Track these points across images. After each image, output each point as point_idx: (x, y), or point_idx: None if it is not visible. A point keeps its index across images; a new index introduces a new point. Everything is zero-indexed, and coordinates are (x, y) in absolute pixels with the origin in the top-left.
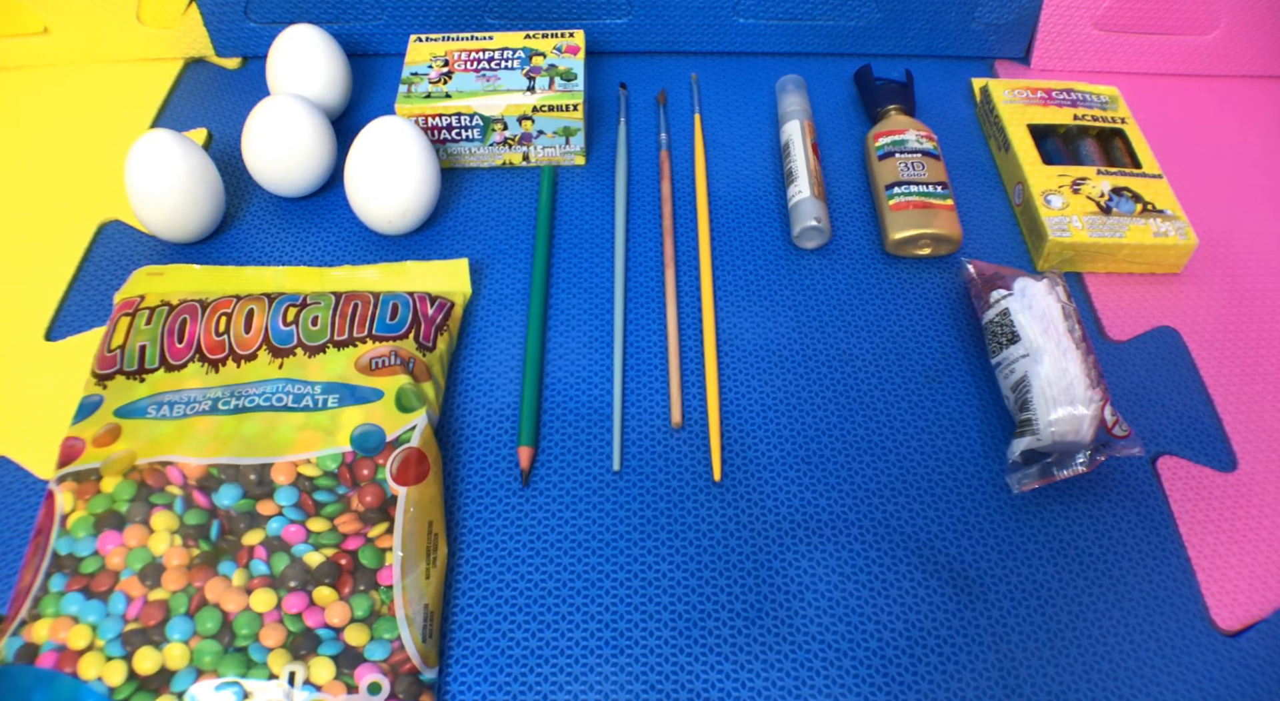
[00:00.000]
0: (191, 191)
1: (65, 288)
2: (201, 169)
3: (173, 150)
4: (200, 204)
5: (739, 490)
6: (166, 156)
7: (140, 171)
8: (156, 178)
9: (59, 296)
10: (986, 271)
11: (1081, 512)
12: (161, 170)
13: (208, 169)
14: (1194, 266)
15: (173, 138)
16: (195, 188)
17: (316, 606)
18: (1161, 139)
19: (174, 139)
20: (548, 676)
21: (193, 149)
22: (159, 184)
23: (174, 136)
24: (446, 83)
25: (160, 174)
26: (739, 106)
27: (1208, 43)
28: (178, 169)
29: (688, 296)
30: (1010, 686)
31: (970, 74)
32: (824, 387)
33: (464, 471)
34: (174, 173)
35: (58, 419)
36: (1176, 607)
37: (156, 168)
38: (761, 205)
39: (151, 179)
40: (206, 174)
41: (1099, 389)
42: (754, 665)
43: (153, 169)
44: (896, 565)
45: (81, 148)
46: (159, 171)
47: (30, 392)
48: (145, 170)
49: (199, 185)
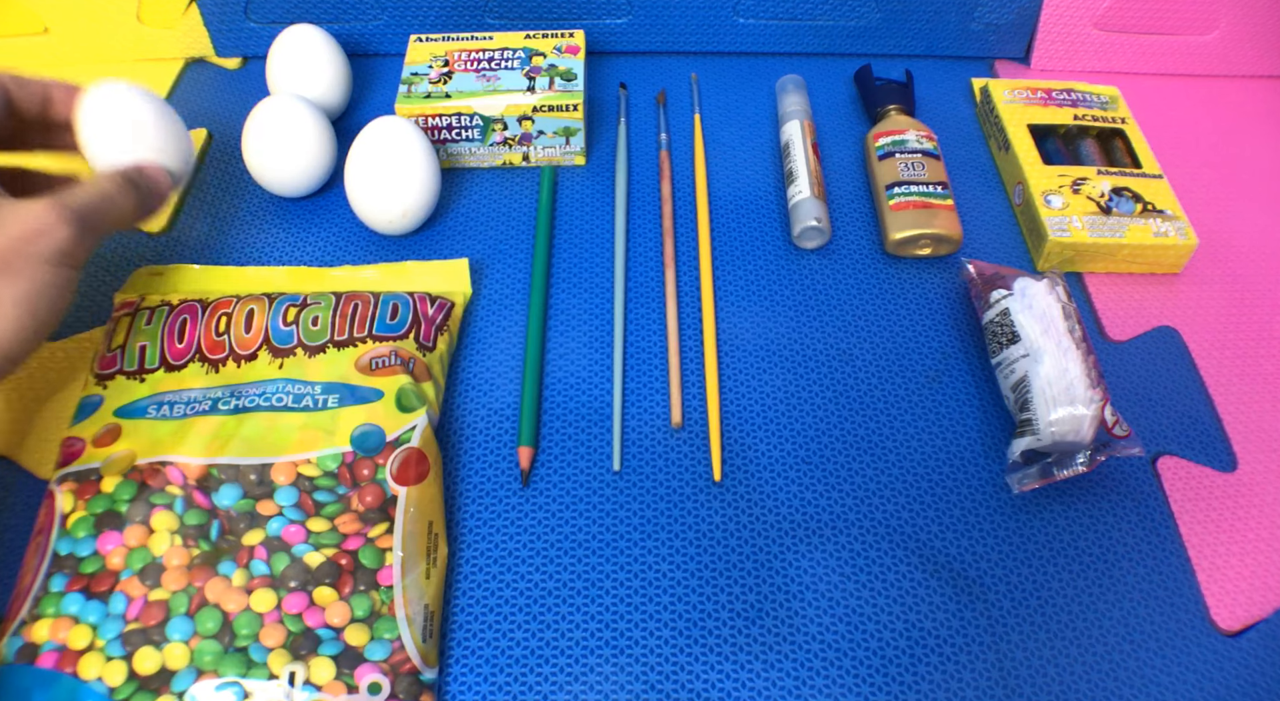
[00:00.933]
0: (149, 140)
1: None
2: (158, 114)
3: (129, 99)
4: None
5: (739, 490)
6: (121, 106)
7: (95, 122)
8: (116, 130)
9: None
10: (987, 271)
11: (1082, 513)
12: (117, 121)
13: (165, 114)
14: (1194, 266)
15: (126, 87)
16: (153, 136)
17: (317, 606)
18: (1162, 139)
19: (127, 88)
20: (548, 676)
21: (147, 96)
22: (120, 136)
23: (127, 86)
24: (446, 83)
25: (117, 124)
26: (739, 106)
27: (1208, 43)
28: (135, 117)
29: (688, 296)
30: (1010, 686)
31: (970, 74)
32: (824, 387)
33: (464, 471)
34: (131, 121)
35: (58, 419)
36: (1177, 607)
37: (113, 119)
38: (762, 205)
39: (110, 131)
40: (164, 119)
41: (1099, 389)
42: (754, 665)
43: (110, 120)
44: (897, 565)
45: None
46: (116, 122)
47: (30, 392)
48: (101, 121)
49: (157, 133)
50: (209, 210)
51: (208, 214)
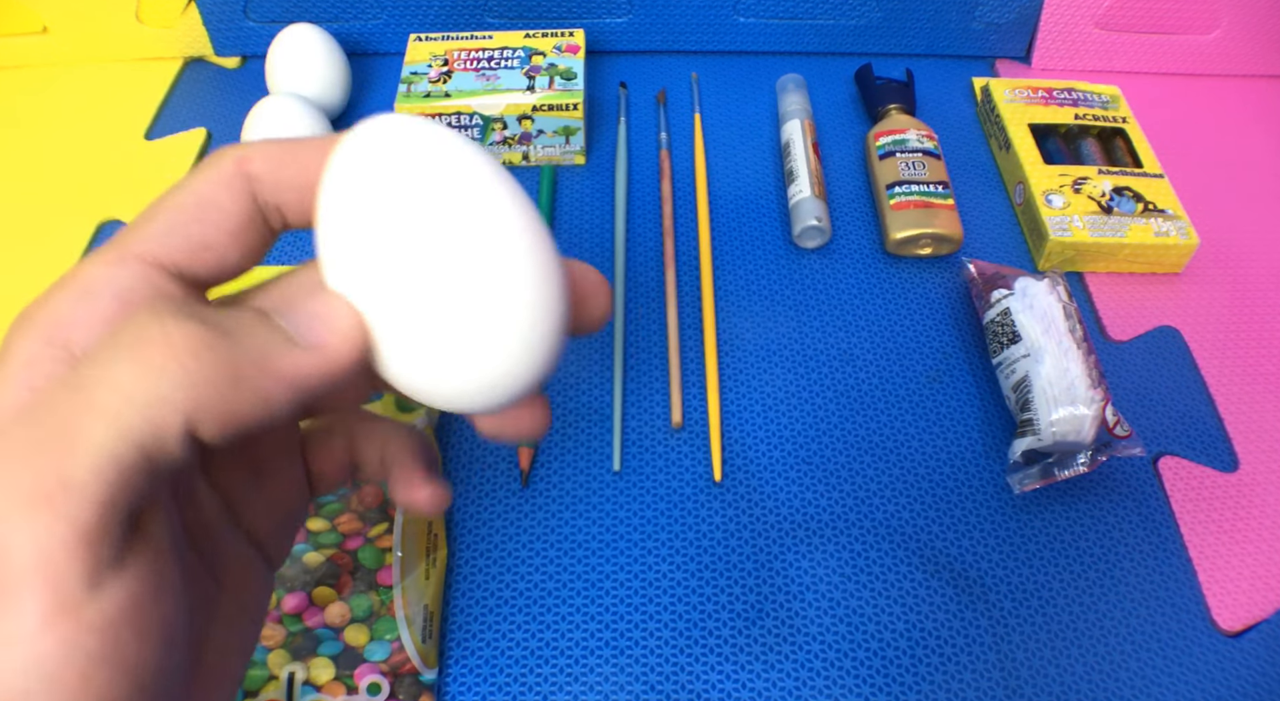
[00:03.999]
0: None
1: None
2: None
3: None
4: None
5: (739, 490)
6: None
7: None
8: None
9: None
10: (987, 271)
11: (1083, 513)
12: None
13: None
14: (1195, 266)
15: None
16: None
17: (316, 606)
18: (1163, 138)
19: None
20: (548, 676)
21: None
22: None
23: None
24: (446, 82)
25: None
26: (739, 106)
27: (1209, 42)
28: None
29: (688, 296)
30: (1011, 687)
31: (971, 73)
32: (824, 387)
33: (464, 471)
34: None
35: None
36: (1178, 608)
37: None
38: (762, 205)
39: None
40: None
41: (1100, 389)
42: (754, 665)
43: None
44: (897, 565)
45: (80, 147)
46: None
47: None
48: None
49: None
50: None
51: None
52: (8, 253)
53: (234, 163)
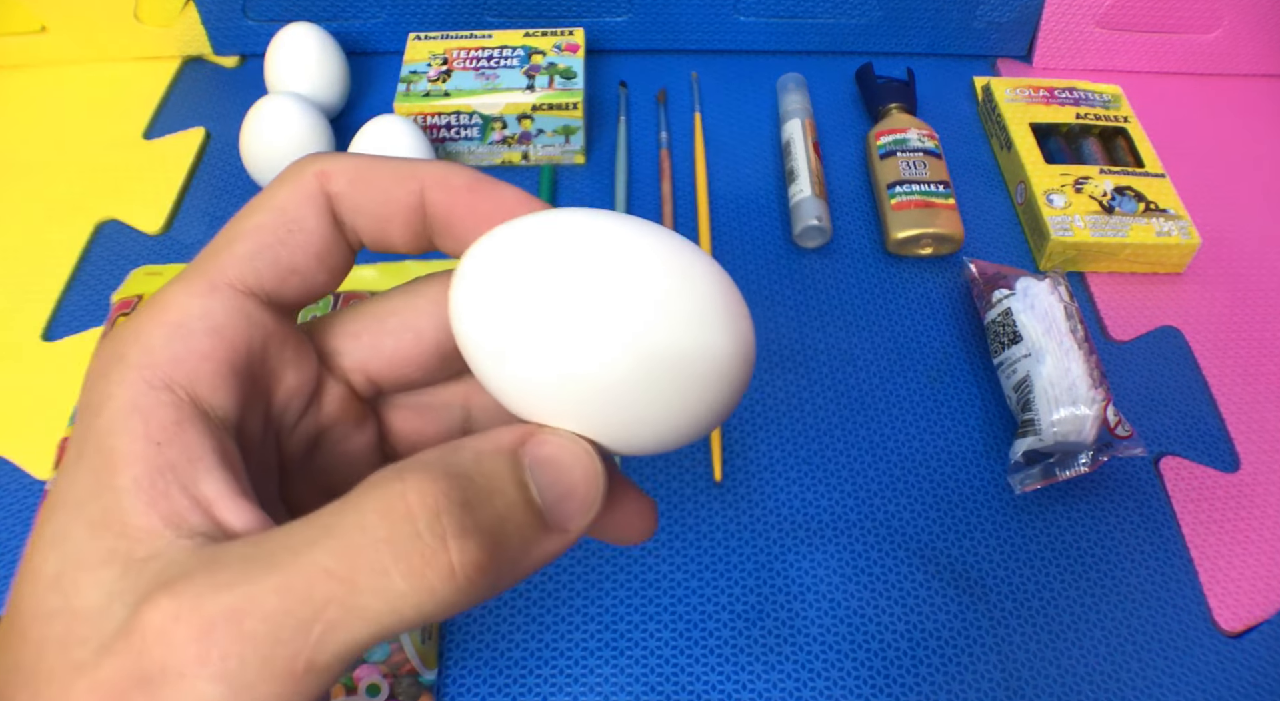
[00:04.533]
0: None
1: (63, 288)
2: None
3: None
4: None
5: (740, 490)
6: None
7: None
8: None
9: (56, 296)
10: (988, 271)
11: (1084, 513)
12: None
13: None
14: (1197, 266)
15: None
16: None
17: None
18: (1164, 138)
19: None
20: (548, 677)
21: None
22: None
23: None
24: (445, 81)
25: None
26: (740, 105)
27: (1210, 41)
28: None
29: None
30: (1012, 687)
31: (972, 72)
32: (825, 387)
33: None
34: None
35: (56, 419)
36: (1179, 608)
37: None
38: (762, 204)
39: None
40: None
41: (1101, 389)
42: (755, 666)
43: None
44: (898, 566)
45: (79, 147)
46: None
47: (28, 393)
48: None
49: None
50: (206, 210)
51: (205, 213)
52: (5, 253)
53: (315, 178)
